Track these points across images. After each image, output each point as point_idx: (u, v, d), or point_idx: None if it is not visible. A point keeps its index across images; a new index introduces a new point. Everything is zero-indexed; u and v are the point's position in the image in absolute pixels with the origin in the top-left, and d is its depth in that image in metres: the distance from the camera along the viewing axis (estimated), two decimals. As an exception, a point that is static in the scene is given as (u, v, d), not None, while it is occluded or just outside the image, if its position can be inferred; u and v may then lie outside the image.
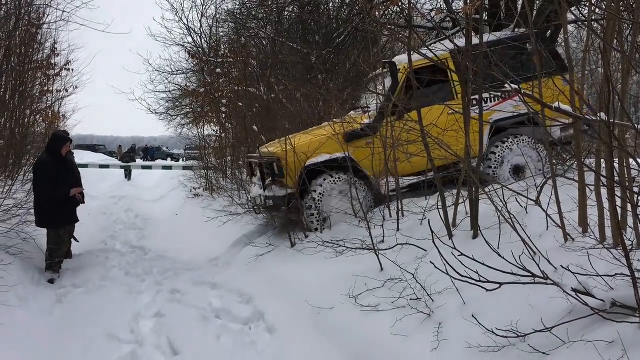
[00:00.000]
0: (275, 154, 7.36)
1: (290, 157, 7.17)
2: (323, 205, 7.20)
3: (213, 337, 5.07)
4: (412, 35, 6.41)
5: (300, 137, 7.68)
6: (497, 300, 3.44)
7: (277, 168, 7.37)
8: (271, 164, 7.49)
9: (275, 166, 7.40)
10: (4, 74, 9.12)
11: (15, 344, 4.84)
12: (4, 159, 10.21)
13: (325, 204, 7.22)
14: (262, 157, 7.87)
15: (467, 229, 4.98)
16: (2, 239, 6.68)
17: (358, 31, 11.84)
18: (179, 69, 19.43)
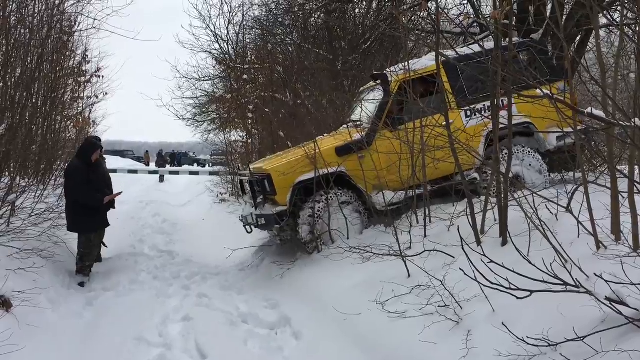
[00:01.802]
0: (266, 171, 7.12)
1: (281, 173, 6.99)
2: (319, 224, 6.96)
3: (240, 342, 5.09)
4: (440, 40, 6.38)
5: (292, 152, 7.55)
6: (527, 309, 3.40)
7: (268, 185, 7.09)
8: (262, 180, 7.21)
9: (266, 183, 7.12)
10: (36, 81, 9.31)
11: (46, 346, 4.92)
12: (36, 164, 10.43)
13: (321, 222, 6.98)
14: (252, 174, 7.67)
15: (495, 236, 4.92)
16: (35, 243, 6.81)
17: (385, 37, 11.83)
18: (206, 76, 19.63)
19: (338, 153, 7.07)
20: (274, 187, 6.98)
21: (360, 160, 6.99)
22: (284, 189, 6.96)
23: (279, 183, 6.96)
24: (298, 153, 7.32)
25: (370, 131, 7.18)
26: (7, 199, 6.80)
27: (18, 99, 8.05)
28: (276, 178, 6.96)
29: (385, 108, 7.21)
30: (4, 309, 4.96)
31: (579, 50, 8.61)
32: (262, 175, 7.20)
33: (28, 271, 5.77)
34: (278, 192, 6.97)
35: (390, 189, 7.03)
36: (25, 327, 4.87)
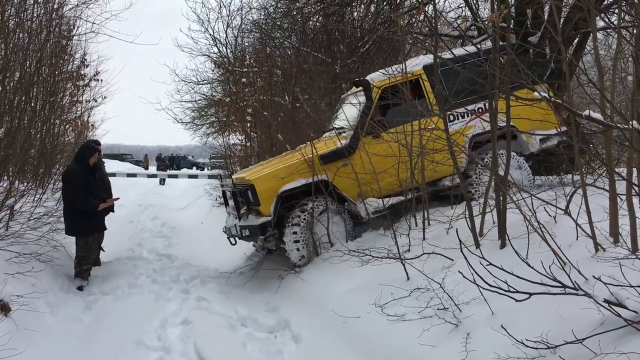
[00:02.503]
0: (249, 181, 6.98)
1: (265, 183, 6.89)
2: (306, 234, 6.83)
3: (239, 345, 5.09)
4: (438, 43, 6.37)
5: (275, 162, 7.49)
6: (526, 311, 3.40)
7: (251, 195, 6.97)
8: (245, 191, 7.10)
9: (249, 193, 7.01)
10: (35, 85, 9.31)
11: (45, 350, 4.91)
12: (35, 168, 10.42)
13: (308, 232, 6.85)
14: (235, 184, 7.57)
15: (494, 239, 4.93)
16: (33, 247, 6.81)
17: (383, 40, 11.85)
18: (204, 79, 19.67)
19: (322, 161, 6.95)
20: (258, 198, 6.86)
21: (343, 167, 6.94)
22: (268, 199, 6.84)
23: (263, 193, 6.85)
24: (281, 162, 7.26)
25: (353, 138, 7.10)
26: (6, 203, 6.80)
27: (17, 103, 8.05)
28: (259, 188, 6.86)
29: (368, 114, 7.15)
30: (3, 313, 4.95)
31: (577, 52, 8.63)
32: (245, 186, 7.10)
33: (27, 275, 5.77)
34: (262, 203, 6.85)
35: (376, 196, 6.99)
36: (24, 331, 4.86)
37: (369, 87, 7.26)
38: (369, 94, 7.24)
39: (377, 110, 7.30)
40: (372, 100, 7.20)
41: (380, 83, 7.24)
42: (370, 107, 7.21)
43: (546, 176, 7.20)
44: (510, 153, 5.25)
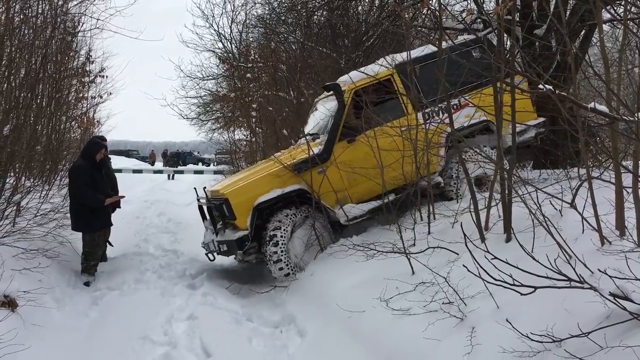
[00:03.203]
0: (223, 195, 6.80)
1: (240, 196, 6.74)
2: (287, 246, 6.68)
3: (245, 340, 5.11)
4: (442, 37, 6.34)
5: (249, 172, 7.32)
6: (531, 305, 3.38)
7: (226, 210, 6.80)
8: (220, 205, 6.93)
9: (224, 208, 6.83)
10: (40, 82, 9.34)
11: (52, 345, 4.94)
12: (41, 164, 10.46)
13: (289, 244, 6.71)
14: (209, 199, 7.39)
15: (499, 232, 4.91)
16: (40, 242, 6.85)
17: (388, 34, 11.81)
18: (209, 75, 19.72)
19: (296, 170, 6.82)
20: (233, 212, 6.71)
21: (319, 175, 6.79)
22: (244, 212, 6.68)
23: (238, 207, 6.70)
24: (255, 173, 7.11)
25: (328, 144, 6.94)
26: (12, 199, 6.84)
27: (22, 100, 8.07)
28: (234, 202, 6.70)
29: (341, 119, 6.99)
30: (10, 308, 4.98)
31: (583, 45, 8.59)
32: (219, 200, 6.93)
33: (33, 271, 5.81)
34: (237, 217, 6.71)
35: (354, 201, 6.91)
36: (30, 326, 4.90)
37: (340, 91, 7.07)
38: (340, 97, 7.05)
39: (351, 113, 7.12)
40: (345, 103, 7.02)
41: (351, 86, 7.08)
42: (342, 111, 7.01)
43: (552, 169, 7.16)
44: (515, 145, 5.20)
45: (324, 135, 7.18)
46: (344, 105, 7.02)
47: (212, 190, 7.53)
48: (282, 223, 6.71)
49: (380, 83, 7.15)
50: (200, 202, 8.02)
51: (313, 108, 8.53)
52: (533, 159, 8.85)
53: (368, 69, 7.30)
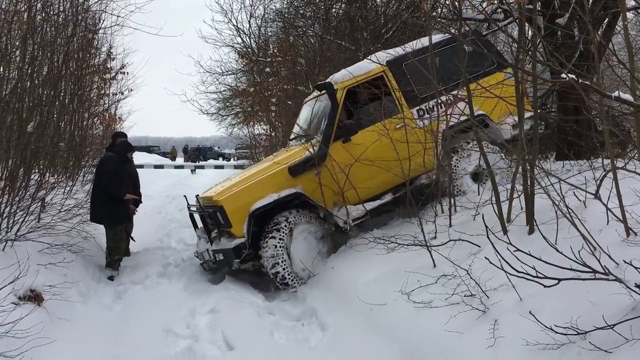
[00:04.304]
0: (218, 202, 6.56)
1: (235, 202, 6.51)
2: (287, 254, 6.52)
3: (267, 333, 5.14)
4: (462, 27, 6.27)
5: (242, 177, 7.05)
6: (555, 297, 3.35)
7: (221, 217, 6.56)
8: (214, 213, 6.67)
9: (219, 215, 6.59)
10: (63, 79, 9.44)
11: (77, 338, 5.02)
12: (65, 160, 10.60)
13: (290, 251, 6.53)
14: (202, 207, 7.18)
15: (522, 224, 4.85)
16: (64, 238, 6.95)
17: (407, 26, 11.72)
18: (229, 70, 19.77)
19: (292, 173, 6.64)
20: (228, 219, 6.48)
21: (316, 177, 6.61)
22: (239, 219, 6.46)
23: (233, 214, 6.48)
24: (250, 177, 6.87)
25: (322, 145, 6.72)
26: (37, 195, 6.94)
27: (46, 97, 8.17)
28: (229, 209, 6.48)
29: (335, 118, 6.81)
30: (36, 302, 5.08)
31: (606, 33, 8.42)
32: (213, 207, 6.70)
33: (58, 266, 5.90)
34: (233, 224, 6.48)
35: (352, 203, 6.73)
36: (56, 320, 4.98)
37: (332, 90, 6.88)
38: (333, 97, 6.86)
39: (344, 112, 6.99)
40: (338, 103, 6.84)
41: (344, 84, 6.92)
42: (336, 110, 6.84)
43: (575, 160, 7.05)
44: (537, 139, 5.13)
45: (317, 136, 6.96)
46: (337, 104, 6.83)
47: (204, 197, 7.29)
48: (275, 237, 6.49)
49: (373, 80, 6.96)
50: (191, 210, 7.70)
51: (303, 108, 8.30)
52: (556, 150, 8.72)
53: (359, 66, 7.15)
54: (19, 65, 7.61)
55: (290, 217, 6.61)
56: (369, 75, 6.98)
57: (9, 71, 7.55)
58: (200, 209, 7.25)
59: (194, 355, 4.73)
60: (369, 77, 6.98)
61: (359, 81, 6.92)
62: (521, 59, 4.92)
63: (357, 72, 6.97)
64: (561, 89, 7.05)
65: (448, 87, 6.50)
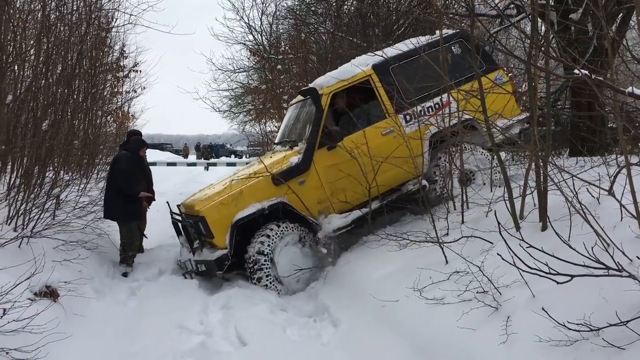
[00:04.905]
0: (199, 212, 6.41)
1: (217, 212, 6.36)
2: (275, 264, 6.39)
3: (279, 329, 5.17)
4: (475, 23, 6.24)
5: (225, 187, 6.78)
6: (568, 294, 3.34)
7: (203, 228, 6.43)
8: (196, 223, 6.55)
9: (200, 226, 6.46)
10: (77, 77, 9.52)
11: (92, 333, 5.09)
12: (79, 158, 10.71)
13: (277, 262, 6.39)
14: (183, 217, 7.07)
15: (534, 221, 4.84)
16: (79, 235, 7.02)
17: (419, 22, 11.68)
18: (240, 67, 19.84)
19: (275, 182, 6.49)
20: (210, 230, 6.36)
21: (301, 185, 6.53)
22: (222, 230, 6.33)
23: (215, 224, 6.34)
24: (233, 187, 6.64)
25: (307, 152, 6.59)
26: (52, 192, 7.01)
27: (60, 95, 8.24)
28: (211, 219, 6.35)
29: (320, 125, 6.65)
30: (52, 299, 5.14)
31: (620, 29, 8.34)
32: (195, 217, 6.57)
33: (73, 262, 5.97)
34: (215, 235, 6.35)
35: (338, 211, 6.67)
36: (72, 316, 5.05)
37: (316, 96, 6.73)
38: (317, 102, 6.70)
39: (330, 117, 6.87)
40: (322, 108, 6.67)
41: (329, 89, 6.78)
42: (320, 116, 6.66)
43: (589, 156, 7.01)
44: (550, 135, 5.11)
45: (302, 143, 6.82)
46: (321, 110, 6.66)
47: (186, 204, 7.18)
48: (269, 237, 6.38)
49: (358, 85, 6.85)
50: (174, 218, 7.53)
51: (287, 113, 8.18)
52: (569, 146, 8.67)
53: (344, 70, 7.00)
54: (33, 64, 7.70)
55: (276, 227, 6.44)
56: (355, 79, 6.83)
57: (23, 70, 7.65)
58: (182, 218, 7.13)
59: (207, 350, 4.77)
60: (355, 81, 6.83)
61: (344, 86, 6.79)
62: (534, 55, 4.88)
63: (342, 77, 6.83)
64: (574, 84, 7.01)
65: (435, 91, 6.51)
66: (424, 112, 6.74)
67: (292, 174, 6.52)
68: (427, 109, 6.80)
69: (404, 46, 7.07)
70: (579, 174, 4.43)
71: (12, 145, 6.69)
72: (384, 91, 6.83)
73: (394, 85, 6.72)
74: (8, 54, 6.73)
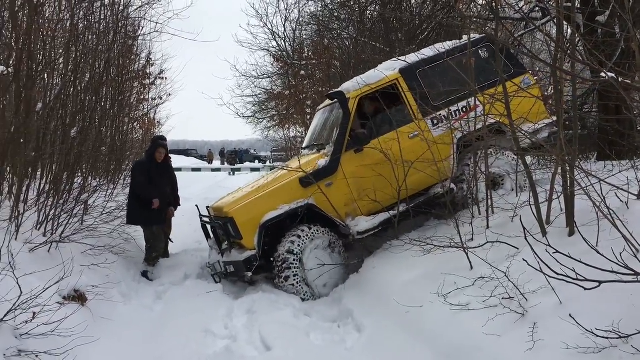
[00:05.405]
0: (228, 214, 6.49)
1: (245, 214, 6.43)
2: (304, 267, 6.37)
3: (303, 334, 5.17)
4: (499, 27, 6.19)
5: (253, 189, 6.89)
6: (596, 300, 3.28)
7: (232, 229, 6.50)
8: (225, 225, 6.64)
9: (229, 227, 6.53)
10: (104, 85, 9.70)
11: (119, 337, 5.16)
12: (106, 164, 10.88)
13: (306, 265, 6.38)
14: (212, 218, 7.18)
15: (561, 227, 4.77)
16: (106, 239, 7.14)
17: (442, 26, 11.64)
18: (264, 73, 20.00)
19: (303, 184, 6.52)
20: (239, 231, 6.41)
21: (328, 188, 6.56)
22: (250, 231, 6.39)
23: (244, 225, 6.40)
24: (260, 189, 6.73)
25: (334, 155, 6.65)
26: (80, 198, 7.14)
27: (88, 103, 8.41)
28: (240, 220, 6.41)
29: (347, 128, 6.70)
30: (80, 302, 5.24)
31: (649, 31, 8.20)
32: (224, 219, 6.65)
33: (101, 267, 6.07)
34: (244, 236, 6.40)
35: (365, 214, 6.67)
36: (99, 319, 5.13)
37: (344, 99, 6.79)
38: (345, 105, 6.75)
39: (357, 121, 6.89)
40: (349, 112, 6.73)
41: (356, 93, 6.81)
42: (347, 119, 6.72)
43: (617, 160, 6.89)
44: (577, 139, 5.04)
45: (329, 146, 6.87)
46: (348, 113, 6.72)
47: (215, 207, 7.26)
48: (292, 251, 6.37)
49: (385, 89, 6.87)
50: (203, 221, 7.67)
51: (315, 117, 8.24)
52: (597, 150, 8.54)
53: (371, 75, 7.04)
54: (62, 72, 7.87)
55: (308, 230, 6.47)
56: (381, 83, 6.87)
57: (53, 78, 7.82)
58: (211, 220, 7.23)
59: (232, 355, 4.79)
60: (381, 85, 6.87)
61: (371, 90, 6.82)
62: (560, 59, 4.83)
63: (369, 81, 6.87)
64: (602, 88, 6.91)
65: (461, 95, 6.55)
66: (451, 116, 6.71)
67: (319, 176, 6.57)
68: (454, 113, 6.78)
69: (431, 52, 7.09)
70: (607, 178, 4.37)
71: (41, 152, 6.83)
72: (410, 95, 6.85)
73: (420, 90, 6.75)
74: (38, 63, 6.89)
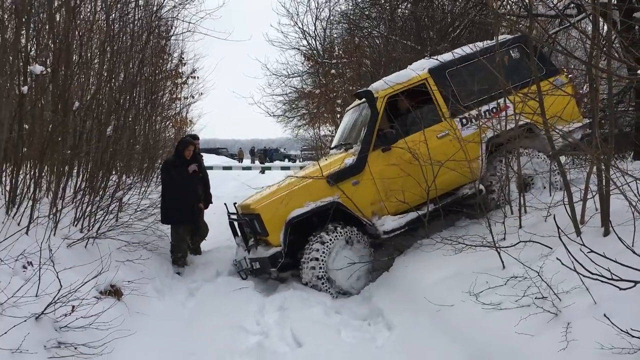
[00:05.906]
0: (255, 210, 6.58)
1: (272, 210, 6.48)
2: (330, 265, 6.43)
3: (334, 331, 5.21)
4: (533, 24, 6.11)
5: (281, 187, 6.93)
6: (631, 300, 3.24)
7: (258, 225, 6.58)
8: (252, 221, 6.72)
9: (256, 224, 6.63)
10: (138, 85, 9.88)
11: (154, 331, 5.27)
12: (140, 162, 11.09)
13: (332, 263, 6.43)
14: (239, 215, 7.23)
15: (596, 226, 4.69)
16: (141, 236, 7.29)
17: (475, 24, 11.53)
18: (294, 72, 20.08)
19: (330, 182, 6.54)
20: (265, 227, 6.49)
21: (354, 186, 6.58)
22: (276, 228, 6.46)
23: (270, 222, 6.48)
24: (287, 187, 6.79)
25: (361, 153, 6.65)
26: (115, 195, 7.31)
27: (122, 102, 8.58)
28: (266, 217, 6.48)
29: (375, 127, 6.71)
30: (116, 297, 5.37)
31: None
32: (250, 215, 6.74)
33: (135, 262, 6.21)
34: (270, 233, 6.48)
35: (392, 213, 6.65)
36: (134, 314, 5.25)
37: (372, 98, 6.79)
38: (373, 104, 6.76)
39: (385, 120, 6.88)
40: (378, 111, 6.73)
41: (385, 92, 6.80)
42: (375, 118, 6.73)
43: None
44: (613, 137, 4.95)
45: (357, 145, 6.88)
46: (377, 112, 6.73)
47: (242, 205, 7.35)
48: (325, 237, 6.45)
49: (414, 88, 6.87)
50: (231, 218, 7.71)
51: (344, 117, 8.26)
52: (634, 149, 8.37)
53: (400, 74, 7.04)
54: (97, 72, 8.05)
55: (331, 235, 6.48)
56: (411, 83, 6.86)
57: (89, 78, 8.01)
58: (238, 217, 7.31)
59: (264, 350, 4.86)
60: (411, 85, 6.87)
61: (400, 89, 6.81)
62: (595, 56, 4.76)
63: (398, 80, 6.87)
64: (638, 86, 6.77)
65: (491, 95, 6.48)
66: (481, 116, 6.66)
67: (346, 175, 6.60)
68: (484, 113, 6.72)
69: (463, 52, 7.03)
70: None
71: (78, 150, 7.00)
72: (439, 94, 6.82)
73: (450, 89, 6.72)
74: (74, 63, 7.06)
